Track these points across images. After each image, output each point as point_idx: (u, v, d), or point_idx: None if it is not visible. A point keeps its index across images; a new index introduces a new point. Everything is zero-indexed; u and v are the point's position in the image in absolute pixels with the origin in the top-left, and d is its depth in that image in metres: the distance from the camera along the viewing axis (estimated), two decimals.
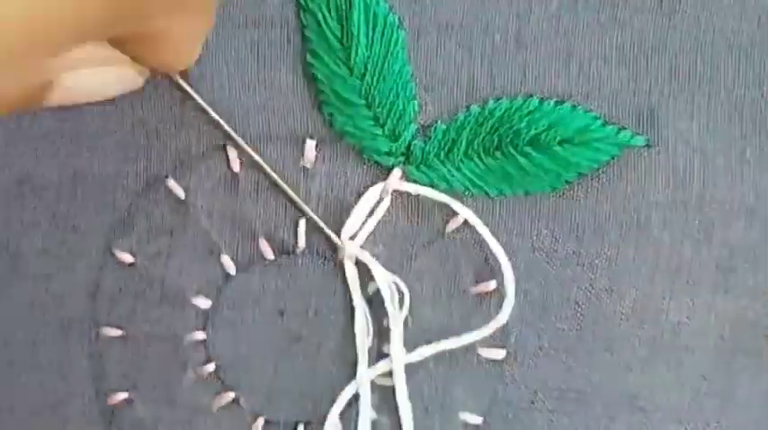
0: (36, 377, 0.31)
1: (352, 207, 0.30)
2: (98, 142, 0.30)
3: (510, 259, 0.30)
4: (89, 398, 0.31)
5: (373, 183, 0.30)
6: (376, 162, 0.30)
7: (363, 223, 0.30)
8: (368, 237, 0.30)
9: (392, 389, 0.30)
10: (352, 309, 0.31)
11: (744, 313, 0.30)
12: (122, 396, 0.31)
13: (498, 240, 0.30)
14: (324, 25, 0.29)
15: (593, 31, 0.29)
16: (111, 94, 0.24)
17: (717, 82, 0.29)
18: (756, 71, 0.29)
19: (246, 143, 0.30)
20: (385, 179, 0.30)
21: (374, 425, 0.31)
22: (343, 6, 0.29)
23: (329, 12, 0.29)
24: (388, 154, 0.30)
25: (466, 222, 0.30)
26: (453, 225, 0.30)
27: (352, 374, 0.31)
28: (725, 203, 0.29)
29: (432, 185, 0.30)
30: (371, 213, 0.30)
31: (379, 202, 0.30)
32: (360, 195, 0.30)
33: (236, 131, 0.30)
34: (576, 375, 0.30)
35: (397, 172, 0.30)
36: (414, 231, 0.30)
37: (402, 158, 0.30)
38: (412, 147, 0.30)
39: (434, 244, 0.30)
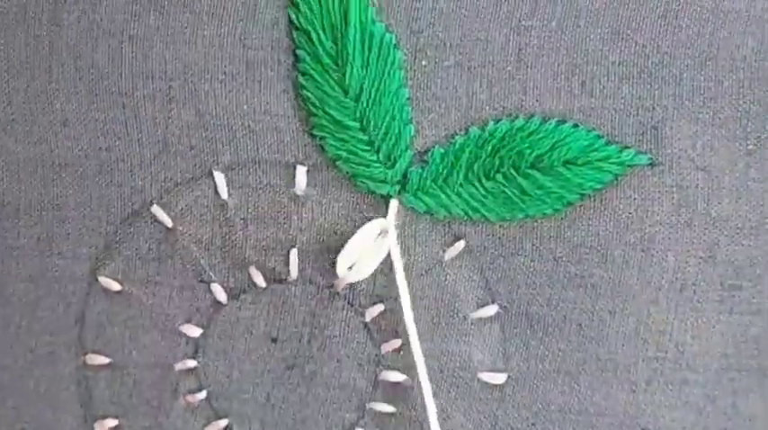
0: (23, 403, 0.31)
1: (345, 235, 0.29)
2: (78, 167, 0.30)
3: (511, 281, 0.29)
4: (77, 425, 0.31)
5: (367, 211, 0.29)
6: (370, 189, 0.29)
7: (362, 257, 0.29)
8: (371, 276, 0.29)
9: (391, 416, 0.30)
10: (347, 336, 0.30)
11: (747, 331, 0.30)
12: (111, 423, 0.31)
13: (498, 263, 0.29)
14: (317, 45, 0.28)
15: (595, 47, 0.28)
16: None
17: (721, 98, 0.29)
18: (760, 87, 0.29)
19: (235, 168, 0.29)
20: (379, 206, 0.29)
21: None
22: (339, 25, 0.28)
23: (323, 31, 0.28)
24: (383, 181, 0.29)
25: (465, 248, 0.30)
26: (452, 252, 0.30)
27: (347, 401, 0.30)
28: (729, 221, 0.29)
29: (430, 212, 0.29)
30: (373, 251, 0.29)
31: (378, 235, 0.29)
32: (353, 223, 0.29)
33: (223, 155, 0.29)
34: (578, 397, 0.30)
35: (394, 205, 0.29)
36: (411, 258, 0.30)
37: (398, 187, 0.29)
38: (408, 175, 0.29)
39: (432, 271, 0.30)
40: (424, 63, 0.29)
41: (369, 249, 0.29)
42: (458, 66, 0.29)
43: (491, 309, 0.30)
